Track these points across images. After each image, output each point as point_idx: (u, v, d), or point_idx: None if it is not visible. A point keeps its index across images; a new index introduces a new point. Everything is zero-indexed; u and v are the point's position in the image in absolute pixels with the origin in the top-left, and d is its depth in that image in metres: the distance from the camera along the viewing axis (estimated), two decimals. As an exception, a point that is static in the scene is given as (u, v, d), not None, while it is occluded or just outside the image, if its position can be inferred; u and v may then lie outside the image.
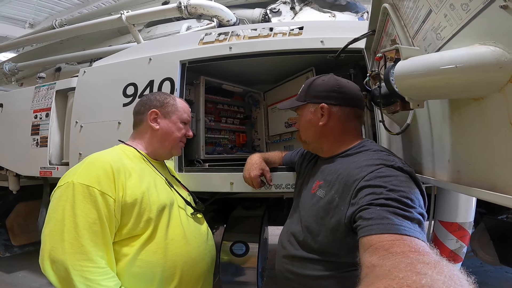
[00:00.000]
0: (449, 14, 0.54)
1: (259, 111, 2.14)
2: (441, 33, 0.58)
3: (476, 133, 0.55)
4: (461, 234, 1.62)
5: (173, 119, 1.10)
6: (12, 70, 3.04)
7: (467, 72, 0.46)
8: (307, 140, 0.95)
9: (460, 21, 0.51)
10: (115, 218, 0.87)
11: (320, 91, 0.90)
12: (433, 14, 0.60)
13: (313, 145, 0.96)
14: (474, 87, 0.49)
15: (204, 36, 1.60)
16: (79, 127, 1.68)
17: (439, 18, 0.58)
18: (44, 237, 0.83)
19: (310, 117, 0.91)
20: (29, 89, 2.11)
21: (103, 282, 0.80)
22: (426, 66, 0.53)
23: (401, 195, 0.63)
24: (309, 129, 0.92)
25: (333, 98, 0.88)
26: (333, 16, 2.06)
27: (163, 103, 1.10)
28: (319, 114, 0.89)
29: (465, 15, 0.49)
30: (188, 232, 1.02)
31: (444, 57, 0.49)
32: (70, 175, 0.88)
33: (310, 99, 0.91)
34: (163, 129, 1.08)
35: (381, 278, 0.43)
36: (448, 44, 0.57)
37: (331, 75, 0.93)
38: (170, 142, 1.09)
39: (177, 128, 1.10)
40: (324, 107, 0.88)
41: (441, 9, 0.56)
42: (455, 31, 0.53)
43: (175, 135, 1.10)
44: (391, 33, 0.92)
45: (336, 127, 0.89)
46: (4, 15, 6.99)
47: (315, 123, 0.90)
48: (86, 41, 2.93)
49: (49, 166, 1.85)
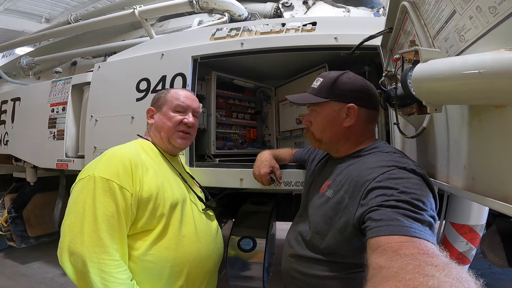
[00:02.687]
0: (475, 16, 0.51)
1: (270, 106, 2.13)
2: (465, 35, 0.56)
3: (495, 141, 0.53)
4: (471, 237, 1.59)
5: (163, 111, 1.11)
6: (30, 64, 3.13)
7: (491, 79, 0.44)
8: (323, 140, 0.90)
9: (486, 24, 0.49)
10: (131, 212, 0.89)
11: (348, 90, 0.85)
12: (457, 15, 0.58)
13: (328, 145, 0.92)
14: (498, 94, 0.47)
15: (216, 32, 1.60)
16: (94, 121, 1.72)
17: (464, 20, 0.55)
18: (64, 229, 0.86)
19: (333, 116, 0.86)
20: (46, 83, 2.16)
21: (117, 274, 0.83)
22: (448, 70, 0.51)
23: (413, 197, 0.61)
24: (330, 128, 0.87)
25: (362, 99, 0.85)
26: (347, 11, 2.00)
27: (156, 99, 1.14)
28: (344, 114, 0.85)
29: (493, 18, 0.47)
30: (199, 229, 1.04)
31: (467, 61, 0.48)
32: (91, 168, 0.91)
33: (335, 97, 0.85)
34: (156, 122, 1.11)
35: (388, 280, 0.43)
36: (472, 47, 0.54)
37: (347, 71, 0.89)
38: (165, 132, 1.09)
39: (167, 118, 1.09)
40: (353, 108, 0.83)
41: (466, 11, 0.54)
42: (480, 34, 0.51)
43: (167, 125, 1.09)
44: (409, 31, 0.89)
45: (359, 129, 0.86)
46: (21, 10, 7.15)
47: (338, 123, 0.85)
48: (100, 36, 2.97)
49: (65, 159, 1.91)
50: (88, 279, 0.80)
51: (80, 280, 0.82)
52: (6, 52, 3.88)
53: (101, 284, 0.80)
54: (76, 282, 0.84)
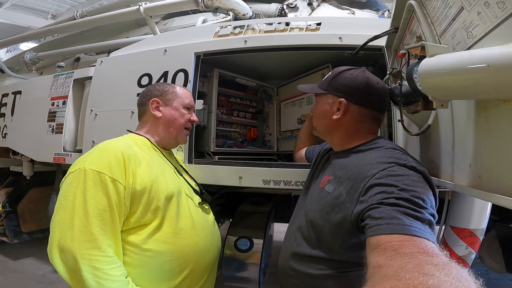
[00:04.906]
0: (483, 12, 0.51)
1: (272, 106, 2.12)
2: (473, 31, 0.55)
3: (504, 136, 0.52)
4: (471, 241, 1.57)
5: (174, 105, 1.10)
6: (33, 59, 3.12)
7: (500, 72, 0.43)
8: (317, 128, 0.97)
9: (494, 19, 0.49)
10: (124, 206, 0.86)
11: (343, 85, 0.87)
12: (465, 12, 0.57)
13: (322, 134, 0.97)
14: (506, 87, 0.46)
15: (220, 29, 1.60)
16: (93, 115, 1.71)
17: (472, 16, 0.55)
18: (54, 225, 0.83)
19: (326, 107, 0.90)
20: (48, 77, 2.15)
21: (111, 271, 0.80)
22: (455, 64, 0.50)
23: (413, 195, 0.61)
24: (322, 119, 0.92)
25: (354, 96, 0.85)
26: (352, 13, 2.01)
27: (162, 92, 1.11)
28: (335, 107, 0.87)
29: (501, 13, 0.47)
30: (196, 222, 1.02)
31: (475, 55, 0.47)
32: (81, 162, 0.88)
33: (331, 90, 0.89)
34: (165, 116, 1.08)
35: (388, 279, 0.43)
36: (479, 42, 0.54)
37: (362, 70, 0.89)
38: (175, 128, 1.09)
39: (180, 114, 1.10)
40: (342, 102, 0.85)
41: (474, 7, 0.53)
42: (488, 29, 0.51)
43: (179, 121, 1.09)
44: (415, 31, 0.89)
45: (350, 125, 0.87)
46: (28, 6, 7.17)
47: (329, 115, 0.89)
48: (105, 32, 2.96)
49: (63, 153, 1.89)
50: (80, 276, 0.77)
51: (73, 278, 0.79)
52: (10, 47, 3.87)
53: (94, 281, 0.77)
54: (68, 281, 0.80)
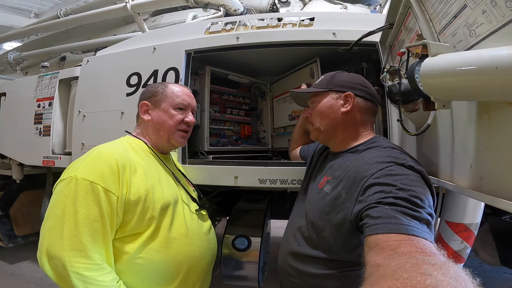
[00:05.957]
0: (489, 11, 0.49)
1: (265, 102, 2.10)
2: (476, 30, 0.54)
3: (507, 139, 0.51)
4: (466, 235, 1.60)
5: (163, 107, 1.03)
6: (17, 59, 3.01)
7: (509, 74, 0.42)
8: (321, 127, 0.90)
9: (502, 18, 0.47)
10: (117, 216, 0.84)
11: (345, 81, 0.91)
12: (468, 10, 0.55)
13: (326, 134, 0.91)
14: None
15: (211, 26, 1.55)
16: (82, 117, 1.65)
17: (476, 14, 0.53)
18: (43, 232, 0.81)
19: (332, 103, 0.90)
20: (33, 78, 2.07)
21: (100, 277, 0.79)
22: (460, 65, 0.49)
23: (411, 195, 0.61)
24: (328, 115, 0.90)
25: (359, 89, 0.89)
26: (344, 8, 1.98)
27: (152, 93, 1.06)
28: (341, 101, 0.89)
29: (509, 12, 0.45)
30: (191, 230, 1.00)
31: (482, 56, 0.45)
32: (74, 169, 0.85)
33: (333, 87, 0.91)
34: (153, 119, 1.03)
35: (386, 278, 0.43)
36: (483, 42, 0.52)
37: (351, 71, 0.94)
38: (165, 132, 1.03)
39: (169, 116, 1.03)
40: (350, 95, 0.87)
41: (479, 5, 0.51)
42: (494, 28, 0.49)
43: (168, 124, 1.02)
44: (411, 27, 0.87)
45: (357, 117, 0.88)
46: (9, 5, 6.90)
47: (336, 109, 0.88)
48: (91, 31, 2.86)
49: (52, 156, 1.83)
50: (69, 282, 0.77)
51: (62, 283, 0.79)
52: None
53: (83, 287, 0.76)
54: (58, 284, 0.80)
